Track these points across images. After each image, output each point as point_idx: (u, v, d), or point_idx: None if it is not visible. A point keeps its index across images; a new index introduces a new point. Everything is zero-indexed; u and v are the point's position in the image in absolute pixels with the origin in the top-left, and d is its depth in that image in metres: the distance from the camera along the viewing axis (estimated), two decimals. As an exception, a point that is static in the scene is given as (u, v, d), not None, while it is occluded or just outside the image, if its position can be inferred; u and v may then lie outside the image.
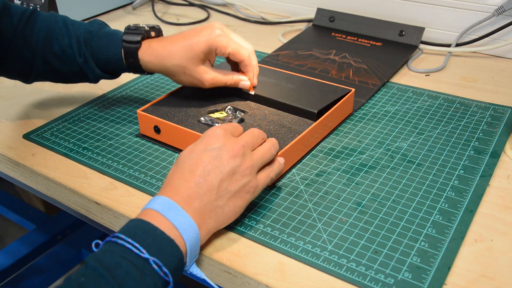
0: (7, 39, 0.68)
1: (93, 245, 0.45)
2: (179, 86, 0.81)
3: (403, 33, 0.96)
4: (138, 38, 0.68)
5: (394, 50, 0.94)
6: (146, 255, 0.43)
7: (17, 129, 0.75)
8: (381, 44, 0.96)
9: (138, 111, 0.70)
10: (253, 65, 0.71)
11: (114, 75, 0.73)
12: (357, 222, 0.55)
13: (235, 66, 0.73)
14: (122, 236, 0.44)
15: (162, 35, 0.72)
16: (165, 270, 0.44)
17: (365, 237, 0.53)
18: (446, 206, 0.57)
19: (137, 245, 0.44)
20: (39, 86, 0.88)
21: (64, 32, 0.69)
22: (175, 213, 0.47)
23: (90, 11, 1.16)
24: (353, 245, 0.52)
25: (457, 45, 0.96)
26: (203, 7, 1.26)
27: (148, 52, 0.68)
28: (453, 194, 0.58)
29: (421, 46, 0.96)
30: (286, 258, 0.51)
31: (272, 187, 0.61)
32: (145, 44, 0.68)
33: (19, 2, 1.02)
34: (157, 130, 0.69)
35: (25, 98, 0.84)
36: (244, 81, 0.71)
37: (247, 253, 0.52)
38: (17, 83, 0.89)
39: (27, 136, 0.73)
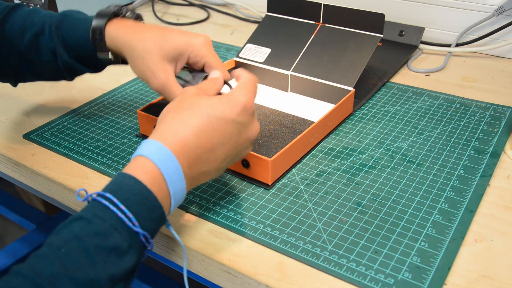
0: None
1: (77, 193, 0.45)
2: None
3: (403, 33, 0.96)
4: (109, 12, 0.62)
5: (394, 50, 0.94)
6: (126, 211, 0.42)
7: (17, 129, 0.75)
8: (381, 44, 0.96)
9: (138, 111, 0.70)
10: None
11: (88, 66, 0.66)
12: (357, 222, 0.55)
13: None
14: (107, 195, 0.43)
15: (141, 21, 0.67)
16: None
17: (365, 237, 0.53)
18: (446, 206, 0.57)
19: (130, 215, 0.42)
20: (39, 86, 0.88)
21: (37, 19, 0.64)
22: (175, 176, 0.45)
23: (90, 11, 1.16)
24: (353, 245, 0.52)
25: (457, 45, 0.96)
26: (203, 7, 1.26)
27: (118, 26, 0.62)
28: (453, 194, 0.58)
29: (421, 46, 0.96)
30: (286, 258, 0.51)
31: (272, 187, 0.61)
32: (118, 20, 0.63)
33: (19, 1, 1.02)
34: (157, 130, 0.69)
35: (25, 98, 0.84)
36: None
37: (247, 253, 0.52)
38: (17, 83, 0.90)
39: (27, 136, 0.73)
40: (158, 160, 0.45)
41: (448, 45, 0.96)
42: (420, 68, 0.90)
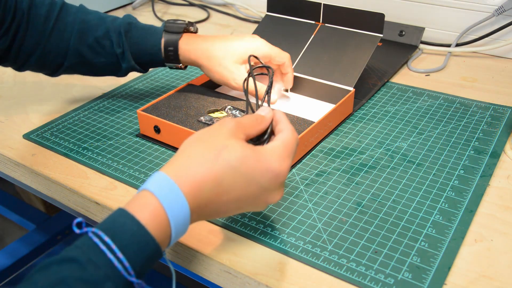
0: (38, 31, 0.70)
1: (74, 224, 0.41)
2: (179, 86, 0.81)
3: (403, 33, 0.96)
4: (181, 29, 0.72)
5: (394, 50, 0.94)
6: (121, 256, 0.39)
7: (17, 129, 0.75)
8: (381, 44, 0.96)
9: (138, 111, 0.70)
10: (292, 69, 0.74)
11: (145, 68, 0.76)
12: (357, 222, 0.55)
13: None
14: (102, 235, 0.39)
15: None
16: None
17: (365, 237, 0.53)
18: (446, 206, 0.57)
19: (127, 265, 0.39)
20: (39, 86, 0.88)
21: (99, 23, 0.72)
22: (182, 223, 0.42)
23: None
24: (353, 245, 0.52)
25: (457, 45, 0.96)
26: (203, 7, 1.26)
27: (190, 41, 0.72)
28: (453, 194, 0.58)
29: (421, 46, 0.96)
30: (286, 258, 0.51)
31: (272, 187, 0.61)
32: (186, 35, 0.73)
33: None
34: (157, 130, 0.69)
35: (25, 98, 0.84)
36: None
37: (247, 253, 0.52)
38: (17, 83, 0.89)
39: (27, 136, 0.73)
40: (169, 204, 0.41)
41: (448, 45, 0.96)
42: (420, 68, 0.90)
